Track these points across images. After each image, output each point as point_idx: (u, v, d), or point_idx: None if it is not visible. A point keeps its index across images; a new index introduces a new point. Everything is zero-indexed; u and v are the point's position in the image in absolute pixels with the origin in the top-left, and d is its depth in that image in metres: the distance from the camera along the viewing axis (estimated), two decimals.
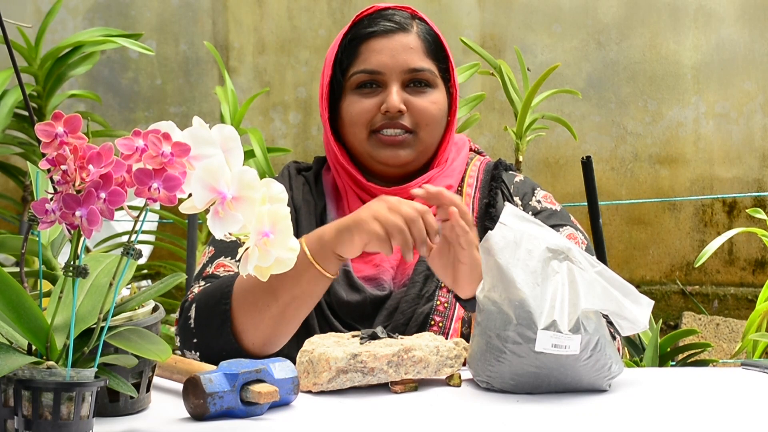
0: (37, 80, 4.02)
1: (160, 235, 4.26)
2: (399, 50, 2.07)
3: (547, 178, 5.56)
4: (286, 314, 1.89)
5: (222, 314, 1.90)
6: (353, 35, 2.09)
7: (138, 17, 5.64)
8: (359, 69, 2.07)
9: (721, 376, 1.88)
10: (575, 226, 2.09)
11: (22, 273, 1.47)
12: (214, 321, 1.91)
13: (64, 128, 1.34)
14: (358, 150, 2.09)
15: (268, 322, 1.89)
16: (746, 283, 5.59)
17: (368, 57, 2.07)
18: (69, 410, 1.34)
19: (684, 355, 3.45)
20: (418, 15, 2.12)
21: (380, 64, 2.06)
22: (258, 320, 1.89)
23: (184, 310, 1.96)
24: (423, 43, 2.09)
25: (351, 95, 2.08)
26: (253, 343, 1.90)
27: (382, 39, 2.08)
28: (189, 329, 1.94)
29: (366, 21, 2.10)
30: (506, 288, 1.68)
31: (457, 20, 5.59)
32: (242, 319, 1.90)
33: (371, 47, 2.08)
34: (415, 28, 2.09)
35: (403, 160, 2.07)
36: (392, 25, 2.08)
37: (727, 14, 5.55)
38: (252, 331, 1.90)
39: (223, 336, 1.90)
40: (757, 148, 5.57)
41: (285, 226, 1.42)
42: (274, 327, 1.89)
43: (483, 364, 1.72)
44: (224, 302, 1.91)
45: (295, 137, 5.65)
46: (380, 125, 2.06)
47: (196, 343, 1.93)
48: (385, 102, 2.05)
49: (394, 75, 2.06)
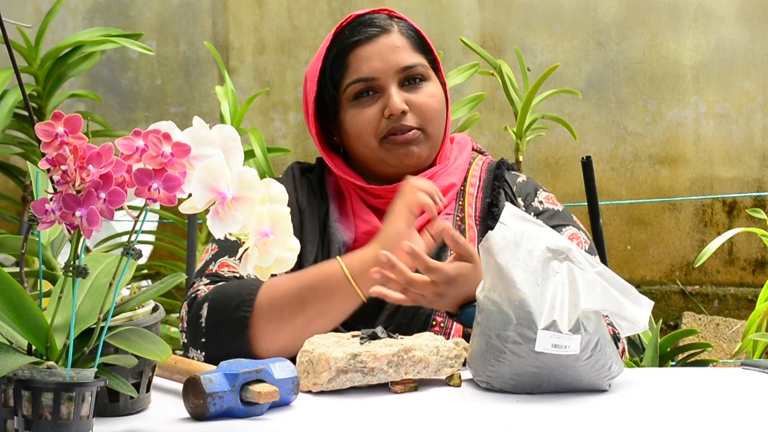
0: (37, 80, 4.02)
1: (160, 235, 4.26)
2: (387, 52, 2.07)
3: (547, 178, 5.56)
4: (310, 327, 1.90)
5: (240, 320, 1.90)
6: (339, 48, 2.09)
7: (138, 17, 5.64)
8: (353, 79, 2.07)
9: (721, 376, 1.88)
10: (578, 226, 2.09)
11: (22, 273, 1.47)
12: (232, 326, 1.90)
13: (64, 128, 1.34)
14: (369, 158, 2.09)
15: (290, 332, 1.90)
16: (746, 283, 5.58)
17: (359, 66, 2.07)
18: (69, 410, 1.34)
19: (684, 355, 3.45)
20: (395, 14, 2.13)
21: (373, 70, 2.06)
22: (280, 329, 1.90)
23: (194, 307, 1.94)
24: (407, 39, 2.09)
25: (350, 108, 2.08)
26: (267, 349, 1.90)
27: (368, 45, 2.08)
28: (199, 328, 1.93)
29: (347, 32, 2.10)
30: (506, 288, 1.68)
31: (457, 20, 5.59)
32: (262, 327, 1.90)
33: (359, 56, 2.07)
34: (396, 27, 2.10)
35: (417, 158, 2.07)
36: (374, 30, 2.08)
37: (727, 14, 5.54)
38: (270, 339, 1.90)
39: (237, 341, 1.90)
40: (757, 148, 5.57)
41: (285, 226, 1.42)
42: (296, 338, 1.89)
43: (483, 364, 1.72)
44: (245, 309, 1.91)
45: (295, 137, 5.65)
46: (387, 131, 2.06)
47: (204, 343, 1.93)
48: (387, 106, 2.05)
49: (389, 77, 2.07)
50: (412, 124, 2.06)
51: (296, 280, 1.93)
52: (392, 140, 2.06)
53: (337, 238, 2.07)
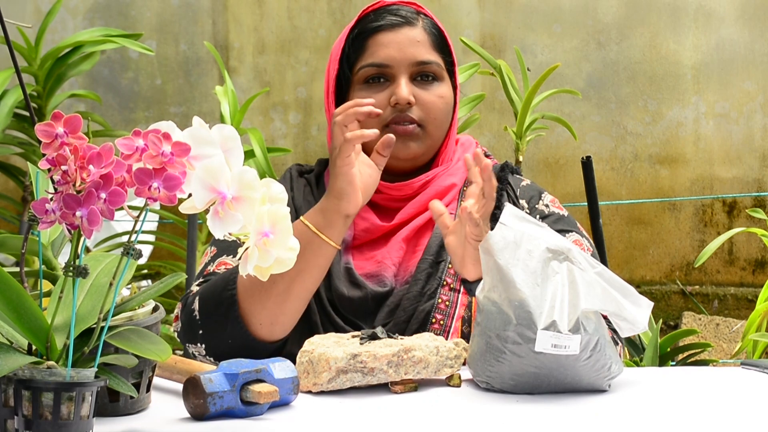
0: (37, 80, 4.02)
1: (160, 235, 4.26)
2: (406, 44, 2.08)
3: (547, 178, 5.56)
4: (292, 290, 1.92)
5: (228, 299, 1.93)
6: (360, 30, 2.10)
7: (138, 17, 5.64)
8: (367, 63, 2.08)
9: (721, 376, 1.88)
10: (581, 233, 2.09)
11: (22, 273, 1.47)
12: (221, 308, 1.93)
13: (64, 128, 1.34)
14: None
15: (275, 299, 1.92)
16: (746, 283, 5.59)
17: (376, 51, 2.08)
18: (69, 410, 1.34)
19: (684, 355, 3.45)
20: (422, 10, 2.13)
21: (388, 58, 2.07)
22: (265, 299, 1.92)
23: (187, 305, 1.97)
24: (429, 36, 2.10)
25: (359, 90, 2.09)
26: (260, 323, 1.92)
27: (389, 33, 2.09)
28: (194, 321, 1.95)
29: (372, 16, 2.11)
30: (506, 288, 1.68)
31: (457, 20, 5.59)
32: (249, 300, 1.92)
33: (378, 41, 2.08)
34: (421, 22, 2.11)
35: (413, 153, 2.07)
36: (398, 19, 2.09)
37: (727, 14, 5.55)
38: (259, 311, 1.92)
39: (230, 321, 1.92)
40: (757, 148, 5.57)
41: (285, 226, 1.42)
42: (281, 304, 1.92)
43: (483, 364, 1.72)
44: (230, 288, 1.93)
45: (295, 137, 5.65)
46: (391, 119, 2.06)
47: (201, 335, 1.94)
48: (394, 94, 2.06)
49: (402, 68, 2.07)
50: (414, 117, 2.06)
51: None
52: (393, 129, 2.06)
53: None
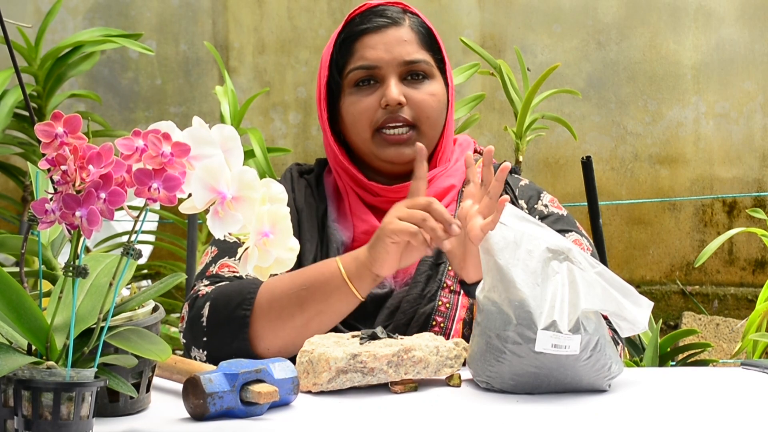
0: (37, 80, 4.02)
1: (160, 235, 4.26)
2: (393, 44, 2.08)
3: (547, 178, 5.56)
4: (309, 326, 1.91)
5: (241, 319, 1.91)
6: (347, 34, 2.10)
7: (138, 17, 5.64)
8: (355, 66, 2.08)
9: (721, 376, 1.88)
10: (581, 233, 2.09)
11: (22, 273, 1.47)
12: (231, 324, 1.92)
13: (64, 128, 1.34)
14: (361, 149, 2.09)
15: (289, 331, 1.91)
16: (746, 283, 5.59)
17: (363, 53, 2.08)
18: (69, 410, 1.34)
19: (684, 355, 3.45)
20: (409, 9, 2.13)
21: (376, 59, 2.07)
22: (279, 329, 1.91)
23: (196, 306, 1.95)
24: (416, 35, 2.10)
25: (350, 94, 2.08)
26: (268, 349, 1.91)
27: (376, 35, 2.08)
28: (200, 327, 1.94)
29: (358, 19, 2.11)
30: (506, 288, 1.68)
31: (457, 20, 5.59)
32: (262, 325, 1.91)
33: (365, 44, 2.08)
34: (408, 21, 2.10)
35: (407, 158, 2.07)
36: (385, 21, 2.09)
37: (727, 14, 5.55)
38: (270, 339, 1.91)
39: (237, 340, 1.91)
40: (757, 148, 5.57)
41: (285, 226, 1.42)
42: (295, 337, 1.90)
43: (483, 364, 1.72)
44: (245, 307, 1.92)
45: (295, 137, 5.65)
46: (382, 121, 2.06)
47: (206, 342, 1.93)
48: (384, 96, 2.05)
49: (391, 68, 2.07)
50: (407, 117, 2.06)
51: (295, 281, 1.93)
52: (384, 137, 2.06)
53: (336, 238, 2.07)
